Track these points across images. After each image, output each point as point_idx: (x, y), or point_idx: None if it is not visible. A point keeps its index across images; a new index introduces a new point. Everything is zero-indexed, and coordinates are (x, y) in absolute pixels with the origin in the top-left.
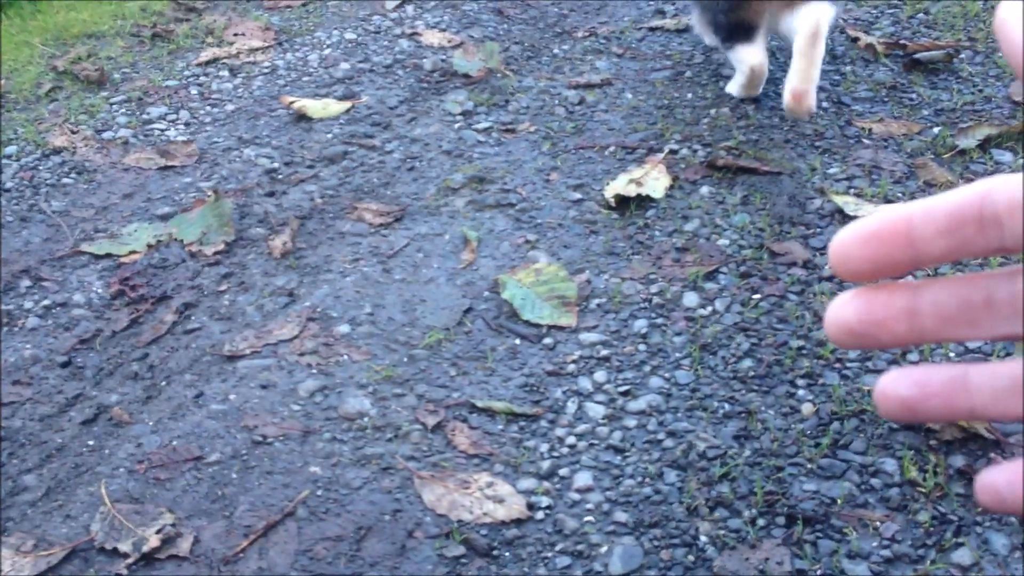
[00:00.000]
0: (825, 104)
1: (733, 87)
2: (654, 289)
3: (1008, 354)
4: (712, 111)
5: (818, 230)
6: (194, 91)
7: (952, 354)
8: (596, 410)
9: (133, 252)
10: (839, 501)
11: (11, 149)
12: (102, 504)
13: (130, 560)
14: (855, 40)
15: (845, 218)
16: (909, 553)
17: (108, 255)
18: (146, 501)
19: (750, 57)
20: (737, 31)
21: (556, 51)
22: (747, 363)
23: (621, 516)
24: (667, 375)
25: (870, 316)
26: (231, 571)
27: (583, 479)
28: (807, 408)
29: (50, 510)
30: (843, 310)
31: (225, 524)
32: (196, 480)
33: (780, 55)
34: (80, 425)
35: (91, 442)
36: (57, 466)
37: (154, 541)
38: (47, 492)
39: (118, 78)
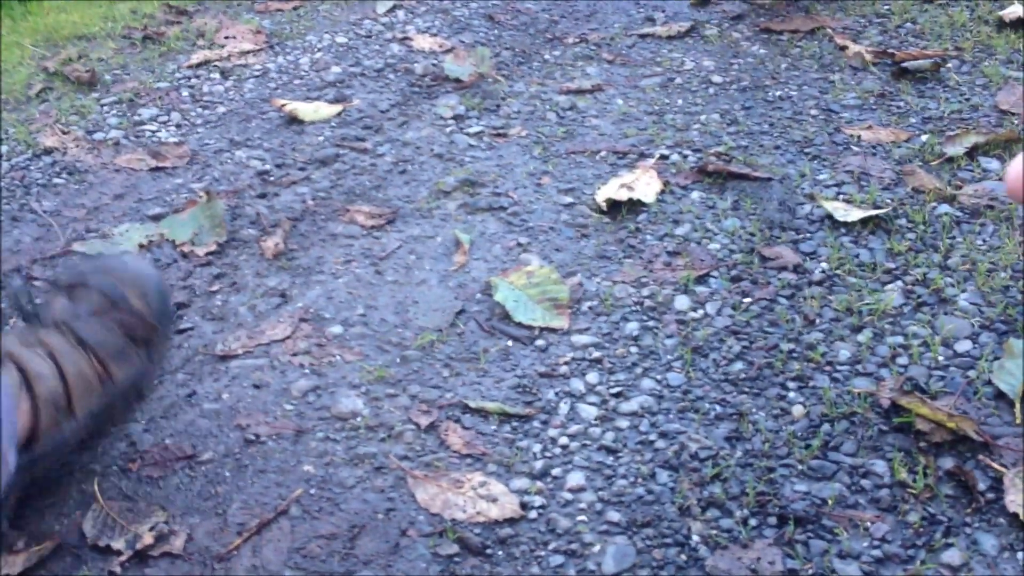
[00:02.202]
0: (814, 111)
1: None
2: (645, 292)
3: (997, 358)
4: (702, 117)
5: (807, 235)
6: (185, 93)
7: (940, 356)
8: (588, 411)
9: (125, 252)
10: (830, 502)
11: (2, 149)
12: (95, 502)
13: (123, 558)
14: (843, 48)
15: (834, 223)
16: (899, 553)
17: (100, 255)
18: (139, 499)
19: None
20: None
21: (547, 57)
22: (738, 366)
23: (614, 516)
24: (659, 377)
25: None
26: (225, 568)
27: (576, 479)
28: (798, 410)
29: (42, 508)
30: None
31: (218, 522)
32: (189, 478)
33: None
34: None
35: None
36: (49, 464)
37: (147, 539)
38: (39, 490)
39: (109, 80)
